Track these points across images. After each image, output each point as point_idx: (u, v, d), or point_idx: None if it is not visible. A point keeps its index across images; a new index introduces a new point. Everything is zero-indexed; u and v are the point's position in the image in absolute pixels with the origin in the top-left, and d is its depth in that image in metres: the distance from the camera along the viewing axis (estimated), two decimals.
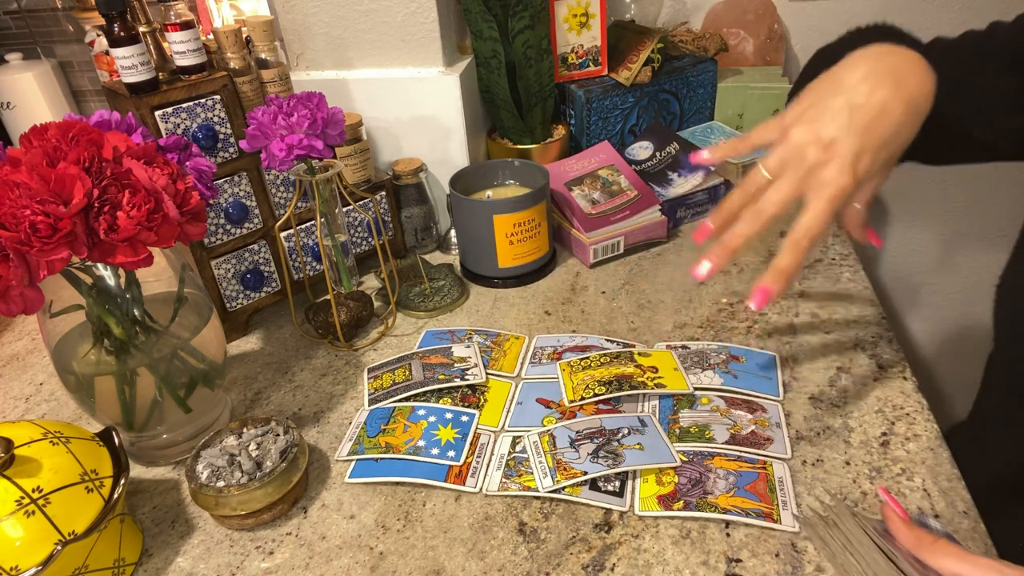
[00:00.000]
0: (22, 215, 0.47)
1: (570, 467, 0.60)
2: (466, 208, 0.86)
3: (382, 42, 0.91)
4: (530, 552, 0.55)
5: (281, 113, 0.68)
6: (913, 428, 0.63)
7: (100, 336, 0.61)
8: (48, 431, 0.54)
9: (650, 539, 0.55)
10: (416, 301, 0.86)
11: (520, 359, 0.76)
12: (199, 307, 0.67)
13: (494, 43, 0.92)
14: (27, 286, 0.50)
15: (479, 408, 0.69)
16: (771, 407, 0.66)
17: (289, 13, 0.91)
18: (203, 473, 0.59)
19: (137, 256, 0.51)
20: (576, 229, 0.91)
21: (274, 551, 0.58)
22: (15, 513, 0.49)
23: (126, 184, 0.51)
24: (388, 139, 0.96)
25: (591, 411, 0.67)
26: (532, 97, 0.98)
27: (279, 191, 0.82)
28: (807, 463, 0.60)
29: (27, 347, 0.88)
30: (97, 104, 1.38)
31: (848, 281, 0.83)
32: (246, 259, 0.81)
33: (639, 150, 1.02)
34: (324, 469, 0.65)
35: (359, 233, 0.92)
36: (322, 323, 0.81)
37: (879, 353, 0.72)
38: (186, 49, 0.70)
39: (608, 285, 0.88)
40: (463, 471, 0.62)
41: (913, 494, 0.57)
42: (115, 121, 0.57)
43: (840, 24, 1.12)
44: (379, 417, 0.69)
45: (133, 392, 0.62)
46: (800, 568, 0.52)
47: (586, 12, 0.99)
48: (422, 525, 0.58)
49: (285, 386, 0.76)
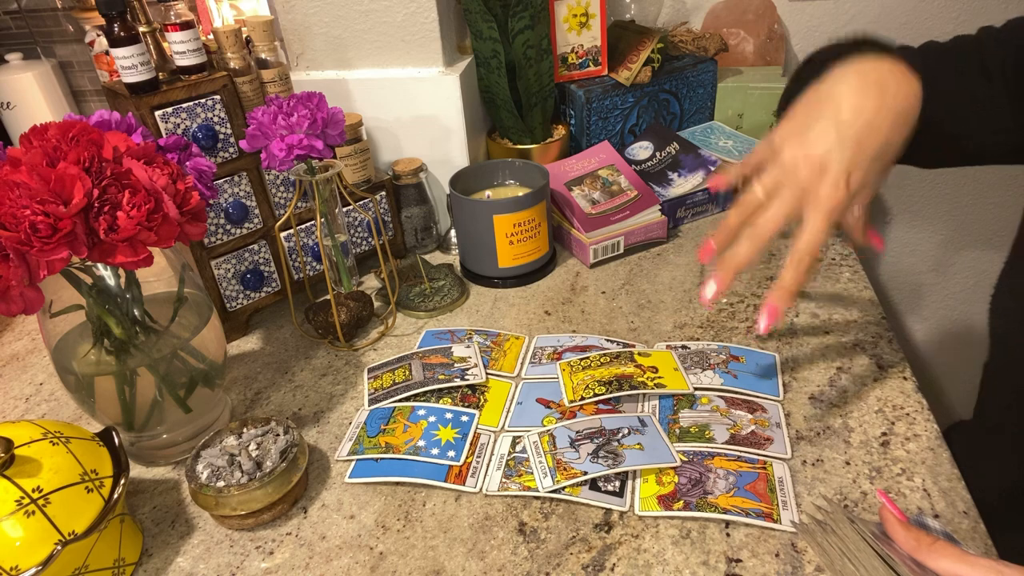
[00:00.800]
0: (22, 215, 0.47)
1: (570, 467, 0.60)
2: (466, 208, 0.86)
3: (382, 42, 0.91)
4: (530, 552, 0.55)
5: (281, 113, 0.68)
6: (913, 428, 0.63)
7: (100, 336, 0.61)
8: (48, 431, 0.54)
9: (650, 539, 0.55)
10: (416, 301, 0.86)
11: (520, 359, 0.76)
12: (199, 307, 0.67)
13: (494, 43, 0.92)
14: (27, 286, 0.50)
15: (479, 408, 0.69)
16: (771, 407, 0.66)
17: (289, 13, 0.91)
18: (203, 473, 0.59)
19: (137, 256, 0.51)
20: (576, 229, 0.91)
21: (274, 551, 0.58)
22: (15, 513, 0.49)
23: (126, 184, 0.51)
24: (388, 139, 0.96)
25: (591, 411, 0.67)
26: (532, 97, 0.98)
27: (279, 191, 0.82)
28: (807, 463, 0.60)
29: (27, 347, 0.88)
30: (97, 104, 1.38)
31: (848, 281, 0.83)
32: (246, 259, 0.81)
33: (639, 150, 1.02)
34: (324, 469, 0.65)
35: (359, 233, 0.92)
36: (322, 323, 0.81)
37: (879, 353, 0.72)
38: (186, 49, 0.70)
39: (608, 285, 0.88)
40: (463, 471, 0.62)
41: (913, 494, 0.57)
42: (115, 121, 0.57)
43: (840, 24, 1.13)
44: (379, 417, 0.69)
45: (133, 392, 0.62)
46: (800, 568, 0.52)
47: (586, 12, 0.99)
48: (422, 525, 0.58)
49: (285, 386, 0.76)
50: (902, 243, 1.31)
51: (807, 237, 0.51)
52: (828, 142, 0.52)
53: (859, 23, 1.13)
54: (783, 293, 0.51)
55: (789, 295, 0.51)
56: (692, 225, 0.99)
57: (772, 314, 0.50)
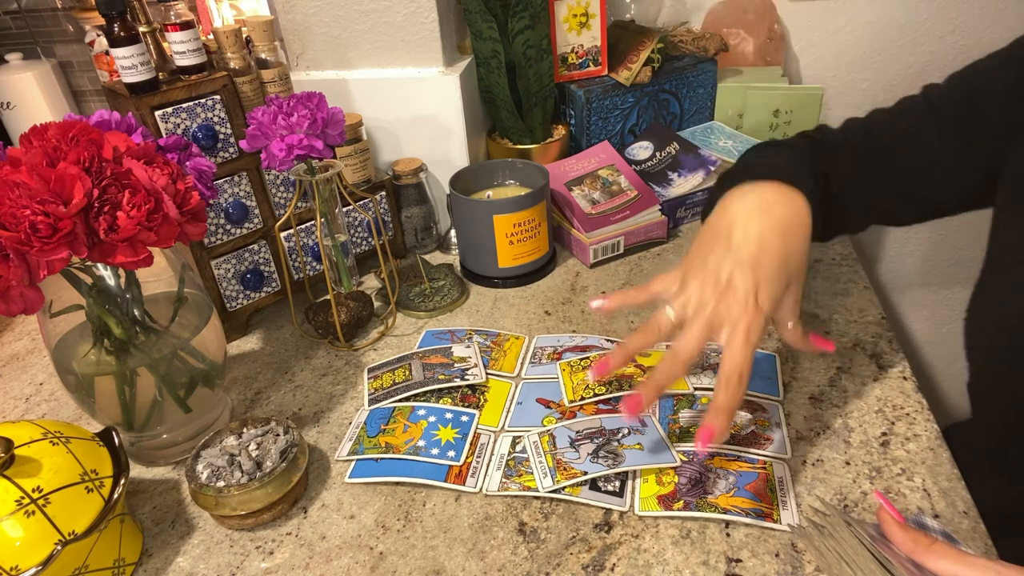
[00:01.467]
0: (22, 215, 0.47)
1: (570, 467, 0.60)
2: (466, 208, 0.86)
3: (382, 42, 0.91)
4: (530, 552, 0.55)
5: (281, 113, 0.68)
6: (913, 428, 0.63)
7: (100, 336, 0.61)
8: (48, 431, 0.54)
9: (650, 539, 0.55)
10: (416, 301, 0.86)
11: (520, 359, 0.76)
12: (199, 307, 0.67)
13: (494, 43, 0.92)
14: (27, 286, 0.50)
15: (479, 408, 0.69)
16: (771, 407, 0.66)
17: (289, 13, 0.91)
18: (203, 473, 0.59)
19: (137, 256, 0.51)
20: (576, 229, 0.91)
21: (274, 551, 0.58)
22: (15, 513, 0.49)
23: (126, 184, 0.51)
24: (388, 139, 0.96)
25: (591, 411, 0.67)
26: (532, 97, 0.98)
27: (279, 191, 0.82)
28: (807, 463, 0.60)
29: (27, 347, 0.88)
30: (97, 104, 1.38)
31: (848, 281, 0.83)
32: (246, 259, 0.81)
33: (639, 150, 1.02)
34: (324, 469, 0.65)
35: (359, 233, 0.92)
36: (322, 323, 0.81)
37: (879, 353, 0.72)
38: (186, 49, 0.70)
39: (608, 285, 0.87)
40: (463, 471, 0.62)
41: (913, 494, 0.57)
42: (115, 121, 0.57)
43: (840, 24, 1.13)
44: (379, 417, 0.69)
45: (133, 392, 0.62)
46: (800, 568, 0.52)
47: (586, 12, 0.99)
48: (422, 525, 0.58)
49: (285, 386, 0.76)
50: (902, 243, 1.31)
51: (730, 358, 0.52)
52: (728, 267, 0.54)
53: (859, 23, 1.13)
54: (718, 414, 0.51)
55: (725, 414, 0.51)
56: (692, 225, 0.99)
57: (708, 436, 0.50)
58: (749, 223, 0.56)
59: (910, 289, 1.36)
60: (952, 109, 0.62)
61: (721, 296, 0.53)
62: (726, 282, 0.54)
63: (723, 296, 0.53)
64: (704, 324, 0.53)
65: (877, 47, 1.14)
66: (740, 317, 0.52)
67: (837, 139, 0.68)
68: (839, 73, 1.17)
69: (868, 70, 1.16)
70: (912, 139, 0.64)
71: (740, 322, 0.52)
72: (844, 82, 1.18)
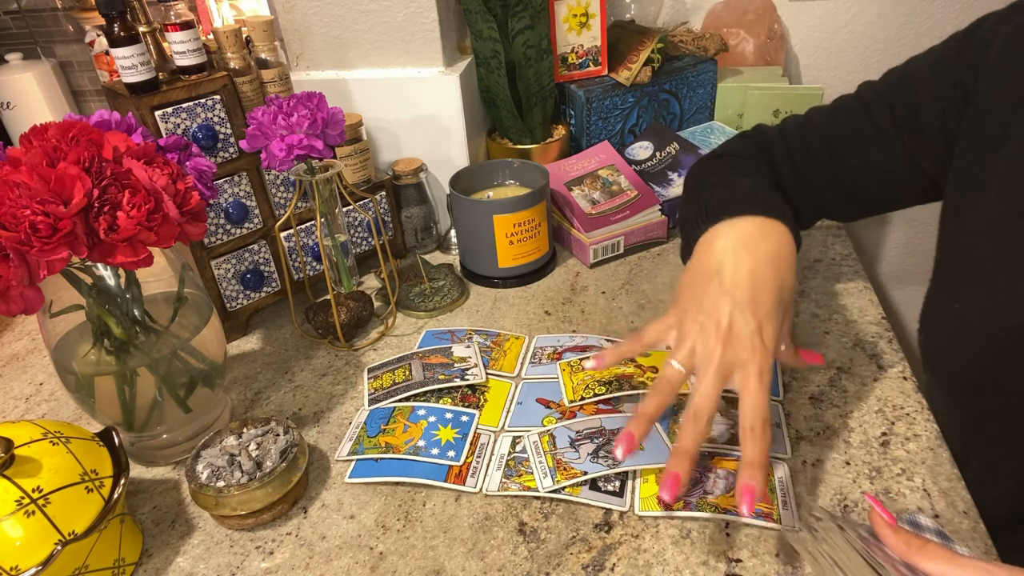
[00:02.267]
0: (22, 215, 0.47)
1: (570, 467, 0.60)
2: (466, 208, 0.86)
3: (382, 42, 0.91)
4: (530, 552, 0.55)
5: (281, 113, 0.68)
6: (913, 428, 0.63)
7: (100, 336, 0.61)
8: (48, 431, 0.54)
9: (650, 539, 0.55)
10: (416, 301, 0.86)
11: (520, 359, 0.76)
12: (199, 307, 0.67)
13: (494, 43, 0.92)
14: (27, 286, 0.50)
15: (479, 408, 0.69)
16: (771, 407, 0.65)
17: (289, 13, 0.91)
18: (203, 473, 0.59)
19: (137, 256, 0.51)
20: (576, 229, 0.91)
21: (274, 551, 0.58)
22: (15, 513, 0.49)
23: (126, 184, 0.51)
24: (388, 139, 0.96)
25: (591, 411, 0.67)
26: (532, 97, 0.98)
27: (279, 191, 0.82)
28: (807, 463, 0.60)
29: (27, 347, 0.88)
30: (97, 104, 1.38)
31: (848, 281, 0.83)
32: (246, 259, 0.81)
33: (639, 150, 1.02)
34: (324, 469, 0.65)
35: (359, 233, 0.92)
36: (322, 323, 0.81)
37: (879, 353, 0.72)
38: (186, 49, 0.70)
39: (608, 285, 0.88)
40: (463, 471, 0.62)
41: (913, 494, 0.57)
42: (115, 121, 0.57)
43: (840, 24, 1.13)
44: (379, 417, 0.69)
45: (133, 392, 0.62)
46: (800, 568, 0.52)
47: (586, 12, 0.99)
48: (422, 525, 0.58)
49: (285, 386, 0.76)
50: (902, 243, 1.31)
51: (749, 404, 0.50)
52: (726, 310, 0.53)
53: (859, 23, 1.13)
54: (754, 471, 0.49)
55: (761, 471, 0.49)
56: None
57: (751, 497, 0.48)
58: (739, 261, 0.55)
59: (910, 289, 1.36)
60: (887, 113, 0.61)
61: (726, 342, 0.52)
62: (727, 327, 0.52)
63: (728, 342, 0.52)
64: (715, 374, 0.51)
65: (877, 47, 1.14)
66: (750, 361, 0.51)
67: (778, 142, 0.68)
68: (839, 73, 1.17)
69: (868, 70, 1.16)
70: (849, 143, 0.64)
71: (751, 366, 0.51)
72: (844, 82, 1.18)
